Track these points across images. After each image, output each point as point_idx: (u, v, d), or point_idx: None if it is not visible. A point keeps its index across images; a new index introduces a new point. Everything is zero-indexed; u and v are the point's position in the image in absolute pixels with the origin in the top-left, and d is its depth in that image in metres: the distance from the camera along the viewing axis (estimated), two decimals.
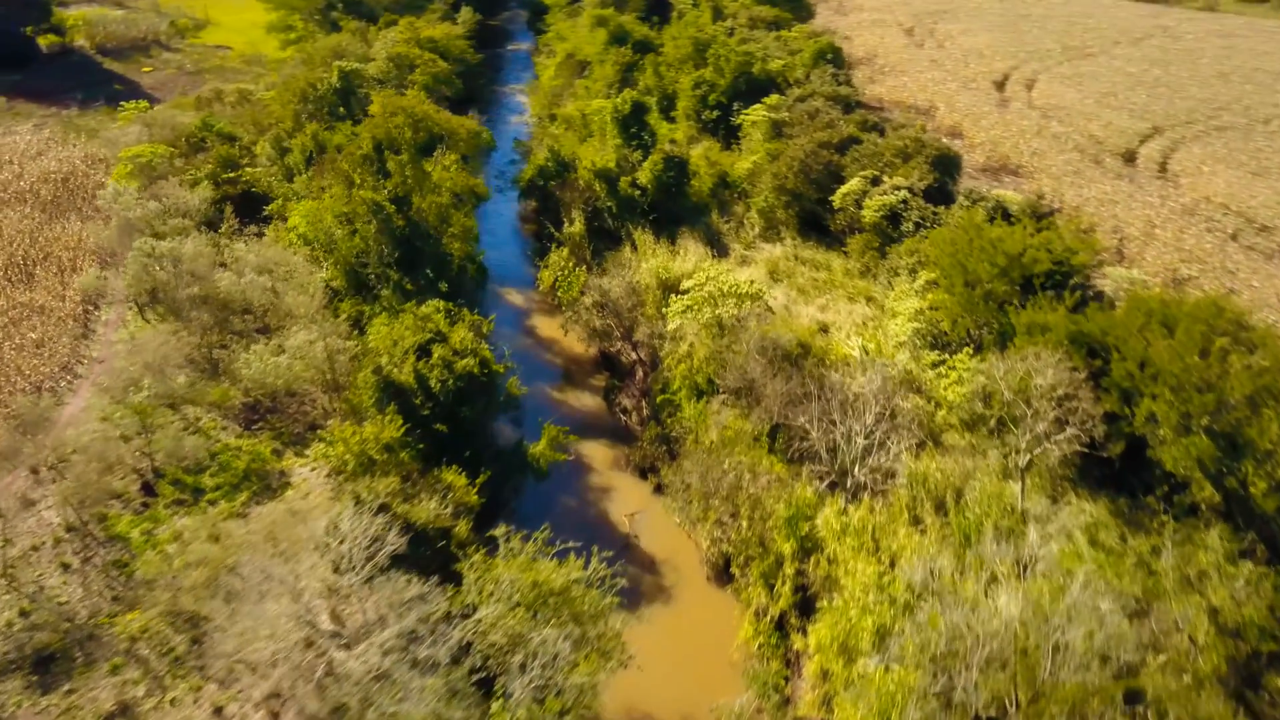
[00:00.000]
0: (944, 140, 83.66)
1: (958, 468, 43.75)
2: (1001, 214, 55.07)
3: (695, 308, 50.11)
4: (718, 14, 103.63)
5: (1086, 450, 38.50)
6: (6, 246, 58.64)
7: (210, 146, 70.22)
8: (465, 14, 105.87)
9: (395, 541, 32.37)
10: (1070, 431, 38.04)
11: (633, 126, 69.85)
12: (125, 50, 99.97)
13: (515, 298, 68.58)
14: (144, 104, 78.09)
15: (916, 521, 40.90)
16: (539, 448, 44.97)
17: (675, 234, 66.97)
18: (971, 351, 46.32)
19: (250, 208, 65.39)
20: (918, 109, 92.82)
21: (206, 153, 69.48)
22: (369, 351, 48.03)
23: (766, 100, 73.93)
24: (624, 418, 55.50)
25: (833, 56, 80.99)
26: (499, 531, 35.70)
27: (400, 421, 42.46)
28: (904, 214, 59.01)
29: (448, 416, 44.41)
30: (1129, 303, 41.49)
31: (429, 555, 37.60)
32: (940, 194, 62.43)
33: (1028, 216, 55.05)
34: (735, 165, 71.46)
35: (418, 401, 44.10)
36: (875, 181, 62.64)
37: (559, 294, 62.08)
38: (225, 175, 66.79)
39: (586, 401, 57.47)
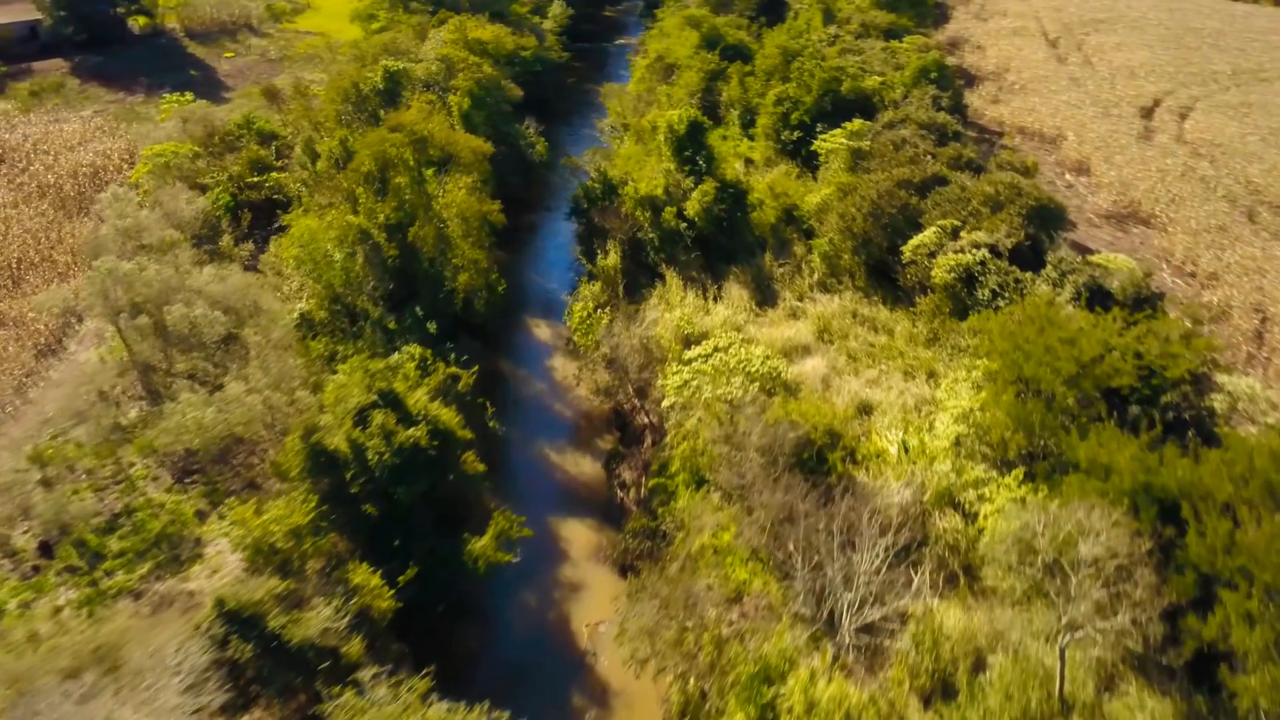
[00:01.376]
0: (1066, 178, 72.46)
1: (986, 624, 34.75)
2: (1095, 294, 44.75)
3: (697, 383, 42.24)
4: (829, 17, 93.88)
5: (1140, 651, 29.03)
6: (4, 247, 56.08)
7: (245, 146, 66.41)
8: (556, 8, 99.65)
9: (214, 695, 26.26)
10: (1119, 621, 28.62)
11: (688, 149, 61.94)
12: (213, 34, 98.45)
13: (544, 332, 62.12)
14: (188, 95, 75.16)
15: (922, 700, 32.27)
16: (482, 543, 38.24)
17: (726, 272, 59.10)
18: (1022, 476, 36.91)
19: (275, 217, 61.10)
20: (1043, 137, 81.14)
21: (239, 153, 65.67)
22: (324, 406, 42.37)
23: (848, 125, 64.61)
24: (621, 493, 48.21)
25: (938, 75, 70.67)
26: (365, 675, 29.22)
27: (314, 503, 36.56)
28: (981, 278, 49.28)
29: (382, 496, 38.27)
30: (1230, 447, 31.33)
31: (301, 682, 31.56)
32: (1034, 253, 52.22)
33: (1126, 300, 44.53)
34: (805, 198, 62.67)
35: (348, 476, 38.12)
36: (955, 233, 52.97)
37: (575, 338, 55.16)
38: (250, 179, 62.73)
39: (586, 468, 50.45)
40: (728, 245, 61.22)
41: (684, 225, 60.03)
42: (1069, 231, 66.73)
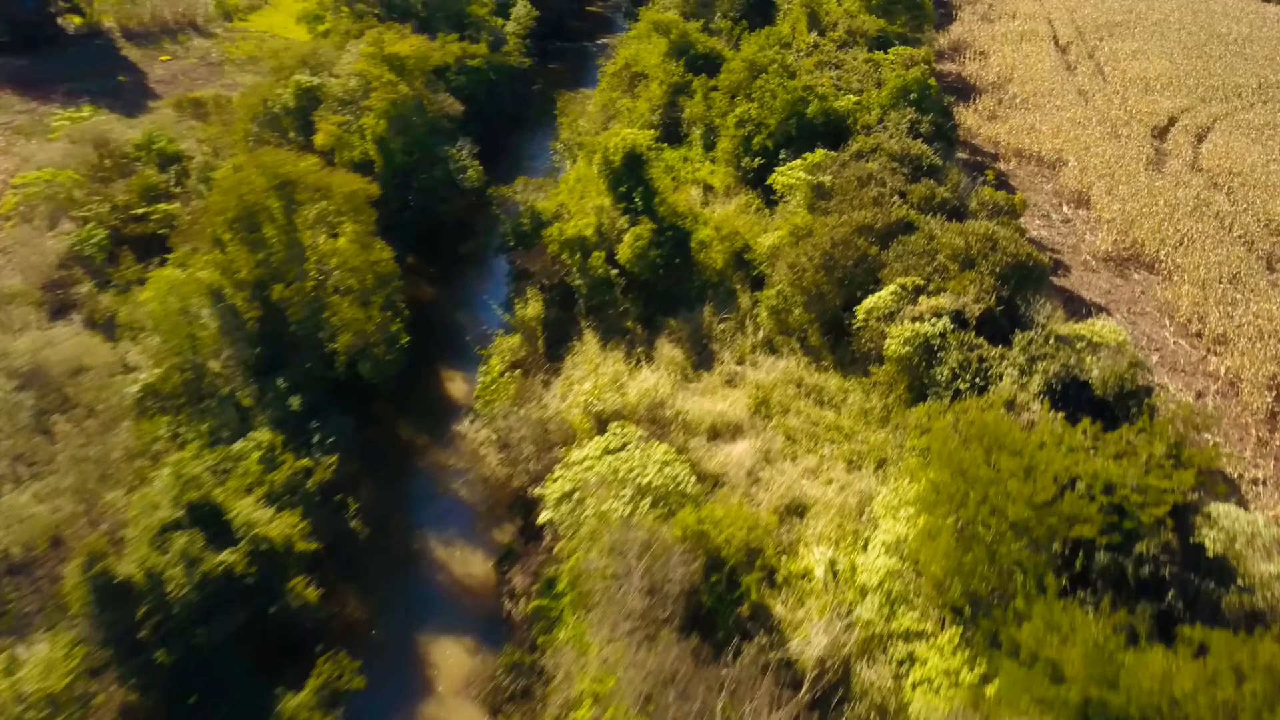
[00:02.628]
0: (1064, 210, 64.57)
1: None
2: (1070, 387, 37.09)
3: (580, 495, 35.04)
4: (814, 22, 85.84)
5: None
6: None
7: (140, 170, 59.68)
8: (520, 9, 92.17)
9: None
10: None
11: (624, 183, 54.51)
12: (153, 34, 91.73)
13: (460, 387, 55.05)
14: (86, 110, 68.47)
15: None
16: (298, 700, 31.36)
17: (663, 325, 51.90)
18: (958, 639, 29.58)
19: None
20: (1041, 161, 73.10)
21: (132, 178, 58.93)
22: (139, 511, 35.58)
23: (809, 156, 56.90)
24: (510, 604, 41.10)
25: (918, 95, 62.71)
26: None
27: (83, 653, 29.84)
28: (941, 353, 41.77)
29: (181, 639, 31.50)
30: (1214, 652, 23.79)
31: None
32: (1009, 317, 44.62)
33: (1107, 395, 36.83)
34: (759, 239, 55.25)
35: (140, 614, 31.37)
36: (917, 294, 45.40)
37: (477, 406, 48.11)
38: (139, 210, 56.05)
39: (476, 568, 43.41)
40: (671, 291, 54.00)
41: (615, 272, 52.78)
42: (1062, 275, 59.09)
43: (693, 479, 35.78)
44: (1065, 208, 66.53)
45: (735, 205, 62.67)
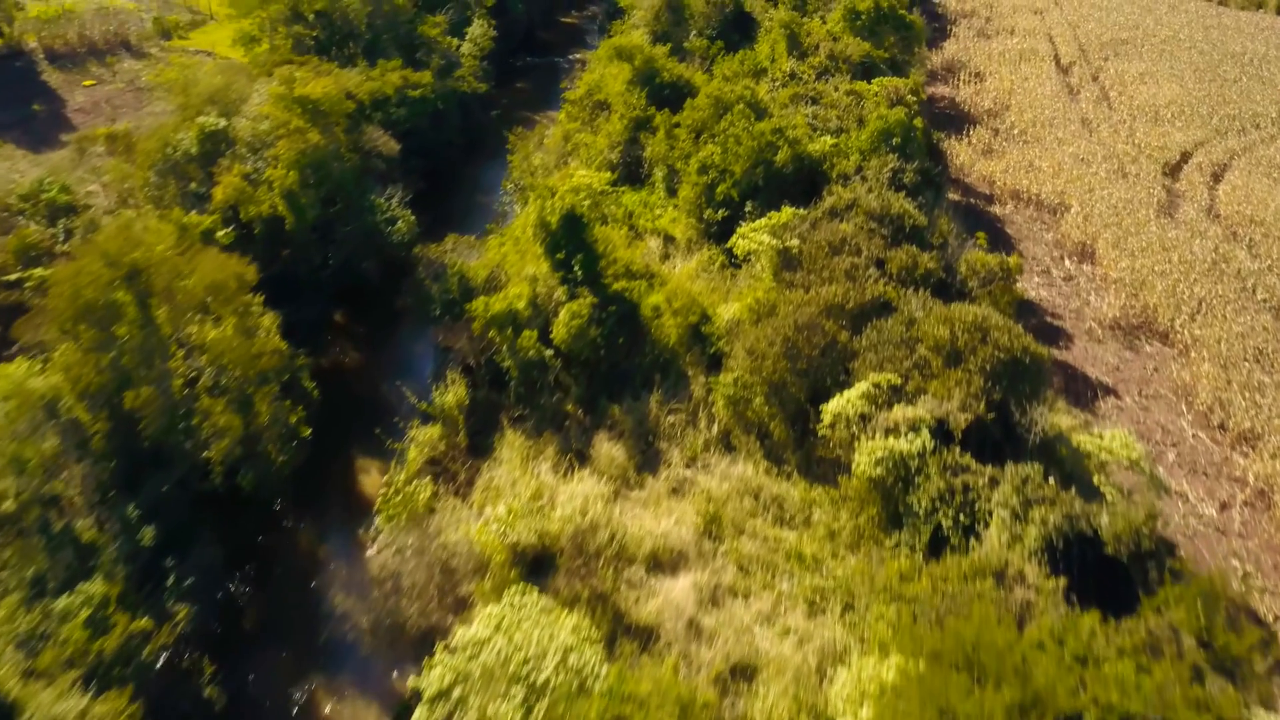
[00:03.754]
0: (1066, 265, 57.77)
1: None
2: (1074, 543, 30.21)
3: (460, 691, 28.09)
4: (794, 43, 78.75)
5: None
6: None
7: (20, 226, 52.80)
8: (477, 28, 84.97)
9: None
10: None
11: (563, 249, 47.49)
12: (80, 56, 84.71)
13: (373, 480, 48.16)
14: None
15: None
16: None
17: (606, 413, 45.15)
18: None
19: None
20: (1041, 204, 66.14)
21: (10, 235, 52.02)
22: None
23: (774, 216, 49.89)
24: None
25: (902, 140, 55.67)
26: None
27: None
28: (919, 476, 34.92)
29: None
30: None
31: None
32: (1002, 426, 37.76)
33: (1120, 552, 29.94)
34: (719, 308, 48.38)
35: None
36: (894, 395, 38.55)
37: (379, 521, 41.19)
38: (10, 276, 49.20)
39: None
40: (617, 368, 47.19)
41: (550, 353, 45.90)
42: (1064, 347, 52.22)
43: (604, 667, 28.74)
44: (1067, 262, 59.57)
45: (696, 262, 55.82)
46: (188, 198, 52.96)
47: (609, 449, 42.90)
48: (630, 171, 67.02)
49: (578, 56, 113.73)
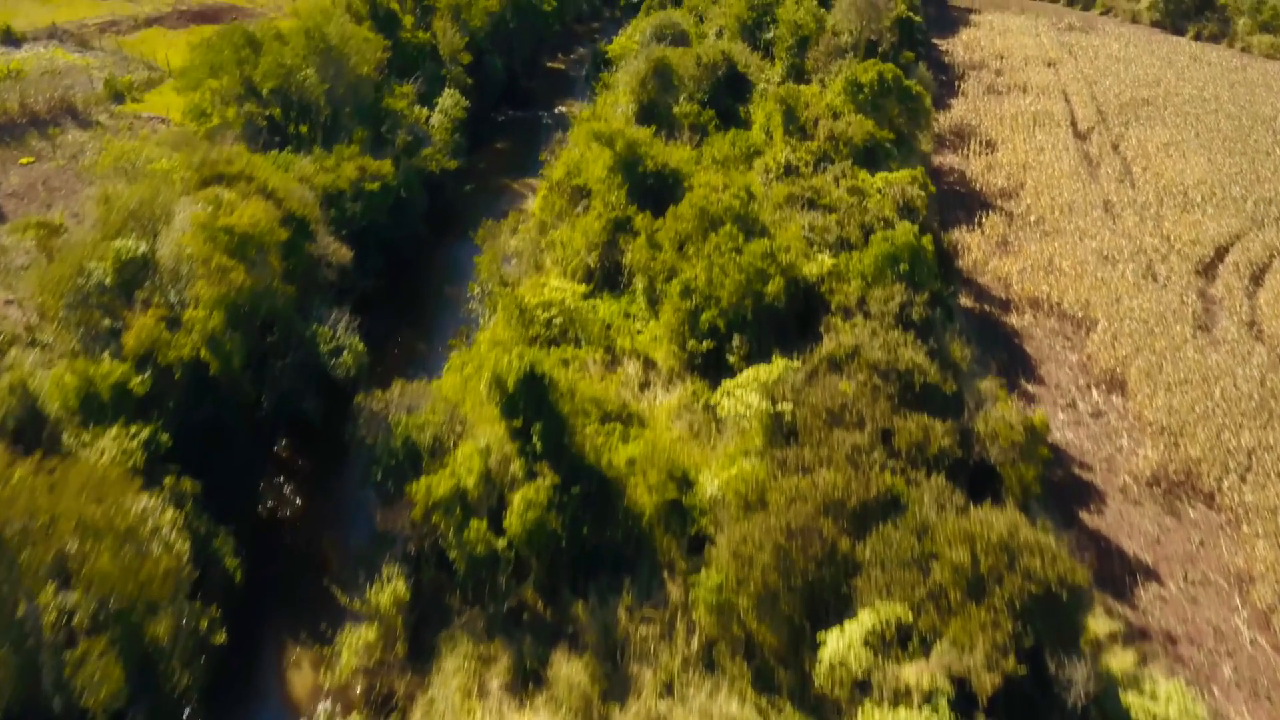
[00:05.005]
0: (1093, 397, 51.62)
1: None
2: None
3: None
4: (791, 119, 72.35)
5: None
6: None
7: None
8: (448, 99, 78.47)
9: None
10: None
11: (520, 414, 41.08)
12: (20, 127, 78.29)
13: (304, 683, 41.83)
14: None
15: None
16: None
17: (569, 613, 38.88)
18: None
19: None
20: (1062, 314, 59.95)
21: None
22: None
23: (762, 370, 43.48)
24: None
25: (911, 264, 49.19)
26: None
27: None
28: None
29: None
30: None
31: None
32: (1037, 683, 31.43)
33: None
34: (701, 473, 42.02)
35: None
36: (903, 637, 32.24)
37: None
38: None
39: None
40: (586, 548, 40.83)
41: (504, 543, 39.56)
42: (1095, 510, 45.94)
43: None
44: (1095, 393, 53.22)
45: (678, 398, 49.43)
46: (99, 338, 46.64)
47: (569, 670, 36.54)
48: (609, 276, 60.67)
49: (563, 110, 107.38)
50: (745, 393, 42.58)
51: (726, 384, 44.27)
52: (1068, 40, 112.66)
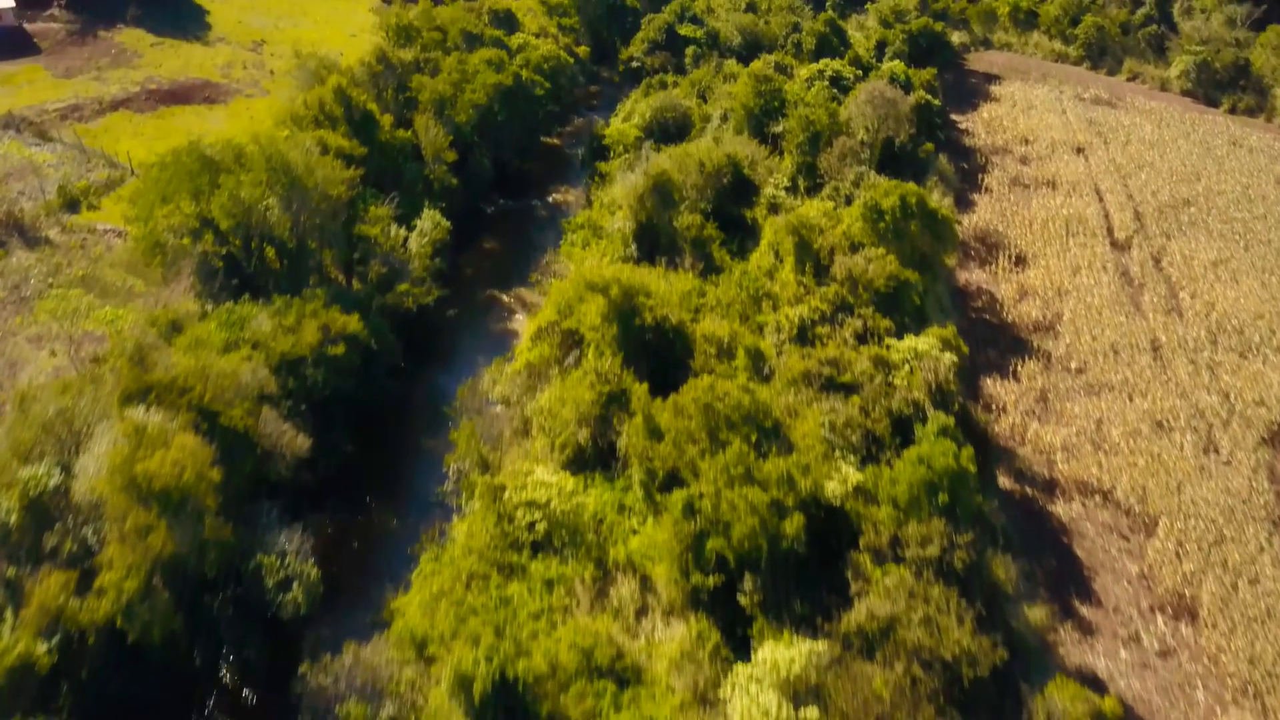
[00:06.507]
0: (1159, 628, 44.73)
1: None
2: None
3: None
4: (805, 252, 65.23)
5: None
6: None
7: None
8: (427, 221, 71.24)
9: None
10: None
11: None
12: None
13: None
14: None
15: None
16: None
17: None
18: None
19: None
20: (1115, 503, 52.83)
21: None
22: None
23: (777, 662, 36.36)
24: None
25: (952, 494, 42.07)
26: None
27: None
28: None
29: None
30: None
31: None
32: None
33: None
34: None
35: None
36: None
37: None
38: None
39: None
40: None
41: None
42: None
43: None
44: (1161, 619, 46.15)
45: (679, 643, 42.41)
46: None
47: None
48: (602, 455, 53.74)
49: (557, 198, 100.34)
50: (761, 690, 35.54)
51: (739, 670, 37.24)
52: (1095, 117, 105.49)
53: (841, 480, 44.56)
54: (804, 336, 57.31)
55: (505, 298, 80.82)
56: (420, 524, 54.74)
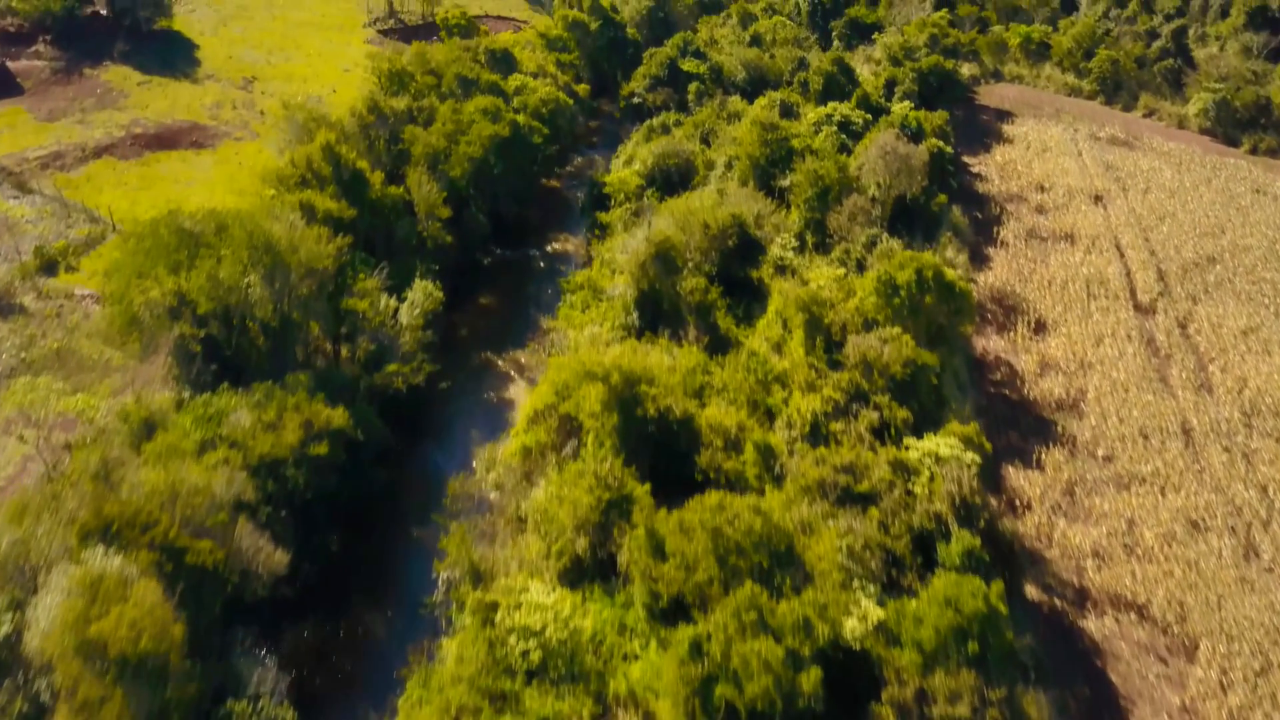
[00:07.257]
0: None
1: None
2: None
3: None
4: (815, 328, 61.91)
5: None
6: None
7: None
8: (418, 292, 67.83)
9: None
10: None
11: None
12: None
13: None
14: None
15: None
16: None
17: None
18: None
19: None
20: (1153, 620, 49.30)
21: None
22: None
23: None
24: None
25: (982, 642, 38.60)
26: None
27: None
28: None
29: None
30: None
31: None
32: None
33: None
34: None
35: None
36: None
37: None
38: None
39: None
40: None
41: None
42: None
43: None
44: None
45: None
46: None
47: None
48: (601, 566, 50.33)
49: (556, 247, 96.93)
50: None
51: None
52: (1112, 160, 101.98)
53: (861, 617, 41.17)
54: (817, 433, 53.83)
55: (501, 363, 77.39)
56: (408, 634, 51.65)
